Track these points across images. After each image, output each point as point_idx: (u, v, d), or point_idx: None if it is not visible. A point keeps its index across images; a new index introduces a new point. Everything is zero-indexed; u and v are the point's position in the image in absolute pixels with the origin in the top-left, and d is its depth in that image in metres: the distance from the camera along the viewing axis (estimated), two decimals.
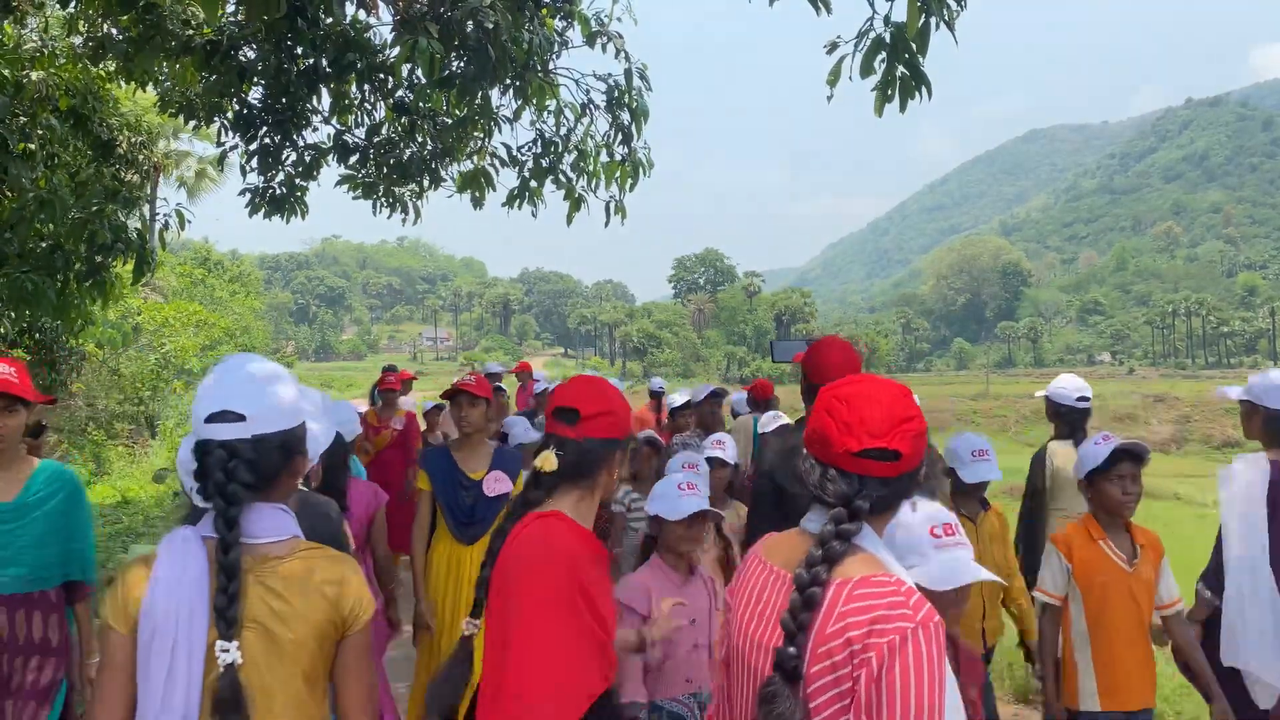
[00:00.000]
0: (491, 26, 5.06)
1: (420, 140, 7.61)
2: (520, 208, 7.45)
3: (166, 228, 7.67)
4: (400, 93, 7.08)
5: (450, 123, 7.38)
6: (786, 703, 1.40)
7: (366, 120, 7.50)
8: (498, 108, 7.02)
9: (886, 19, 3.88)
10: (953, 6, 3.74)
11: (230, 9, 6.08)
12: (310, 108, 7.01)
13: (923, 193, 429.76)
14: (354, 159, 7.50)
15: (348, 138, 7.43)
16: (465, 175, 7.65)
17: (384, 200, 7.94)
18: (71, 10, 6.33)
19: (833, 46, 3.94)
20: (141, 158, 8.52)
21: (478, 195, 7.52)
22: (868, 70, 3.91)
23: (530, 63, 6.06)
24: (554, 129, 7.25)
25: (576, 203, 7.29)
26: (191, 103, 7.04)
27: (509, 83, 6.17)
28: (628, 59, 6.58)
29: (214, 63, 6.18)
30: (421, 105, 7.09)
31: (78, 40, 6.81)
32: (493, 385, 7.11)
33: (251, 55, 6.45)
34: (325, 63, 6.23)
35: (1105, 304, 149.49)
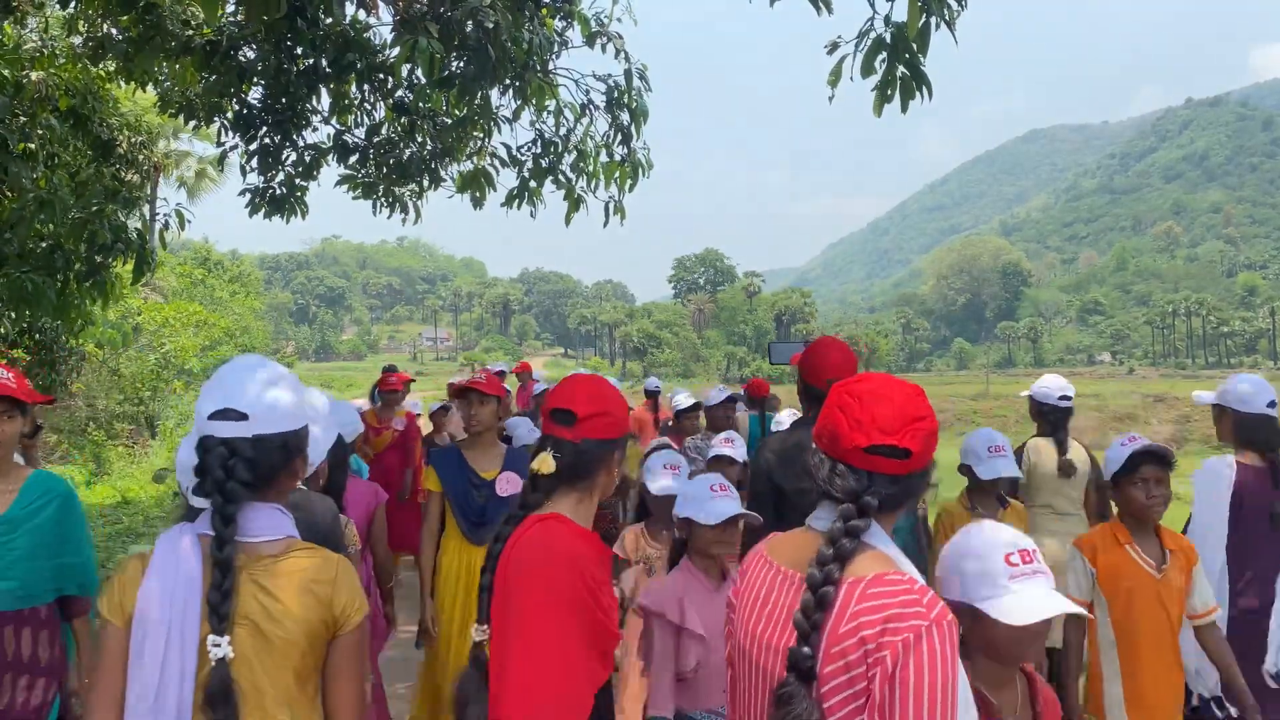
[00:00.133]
0: (491, 26, 5.06)
1: (420, 140, 7.61)
2: (520, 208, 7.47)
3: (166, 228, 7.67)
4: (400, 93, 7.08)
5: (450, 123, 7.38)
6: (804, 704, 1.39)
7: (366, 120, 7.50)
8: (497, 108, 7.03)
9: (887, 19, 3.88)
10: (953, 6, 3.74)
11: (230, 9, 6.08)
12: (310, 108, 7.01)
13: (923, 193, 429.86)
14: (354, 159, 7.49)
15: (348, 138, 7.43)
16: (465, 175, 7.65)
17: (384, 200, 7.94)
18: (71, 10, 6.33)
19: (834, 47, 3.94)
20: (141, 158, 8.51)
21: (478, 195, 7.53)
22: (868, 70, 3.91)
23: (530, 63, 6.06)
24: (554, 129, 7.27)
25: (576, 203, 7.29)
26: (191, 103, 7.03)
27: (509, 83, 6.18)
28: (627, 59, 6.59)
29: (214, 63, 6.18)
30: (421, 105, 7.09)
31: (78, 40, 6.81)
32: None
33: (251, 55, 6.45)
34: (325, 63, 6.24)
35: (1105, 304, 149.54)
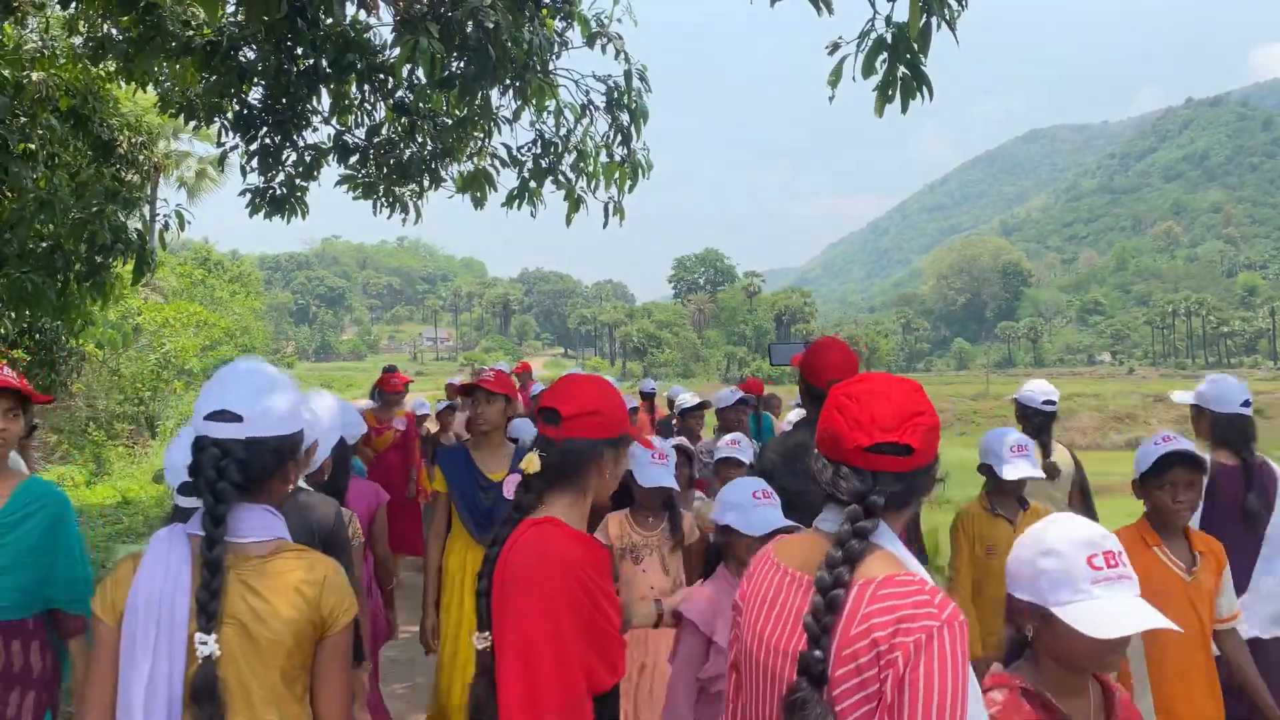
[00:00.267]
0: (492, 27, 5.06)
1: (420, 140, 7.61)
2: (520, 208, 7.47)
3: (166, 228, 7.67)
4: (400, 93, 7.07)
5: (450, 123, 7.38)
6: (817, 708, 1.38)
7: (367, 120, 7.49)
8: (498, 108, 7.03)
9: (888, 19, 3.88)
10: (954, 6, 3.74)
11: (230, 9, 6.08)
12: (310, 108, 7.01)
13: (923, 193, 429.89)
14: (354, 159, 7.49)
15: (348, 138, 7.43)
16: (465, 176, 7.66)
17: (384, 200, 7.94)
18: (72, 11, 6.33)
19: (834, 47, 3.94)
20: (142, 158, 8.50)
21: (478, 195, 7.53)
22: (869, 70, 3.91)
23: (530, 63, 6.06)
24: (554, 130, 7.26)
25: (576, 203, 7.30)
26: (192, 103, 7.03)
27: (509, 83, 6.18)
28: (627, 60, 6.59)
29: (214, 63, 6.18)
30: (422, 105, 7.09)
31: (78, 41, 6.81)
32: None
33: (252, 56, 6.44)
34: (325, 63, 6.23)
35: (1105, 304, 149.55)
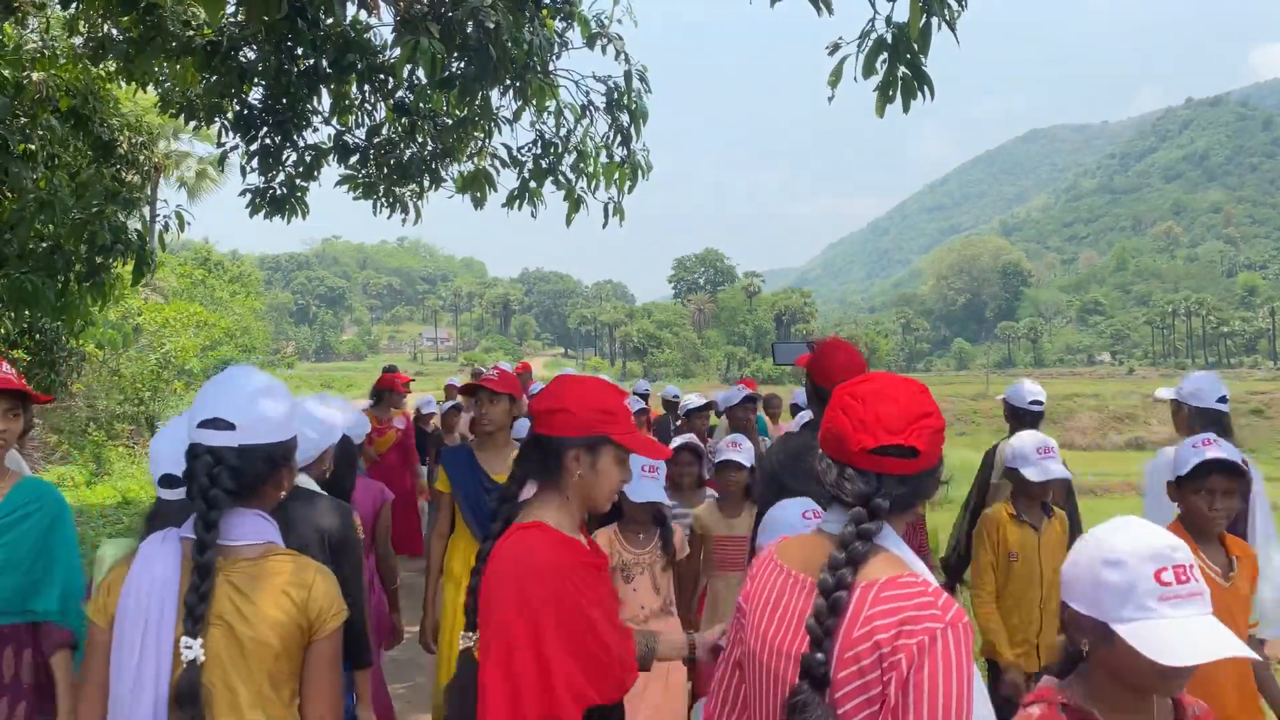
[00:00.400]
0: (492, 27, 5.06)
1: (421, 141, 7.62)
2: (520, 208, 7.48)
3: (166, 229, 7.68)
4: (401, 93, 7.08)
5: (451, 123, 7.39)
6: (819, 710, 1.38)
7: (367, 121, 7.51)
8: (498, 108, 7.04)
9: (888, 20, 3.88)
10: (954, 7, 3.74)
11: (231, 9, 6.08)
12: (310, 108, 7.02)
13: (923, 192, 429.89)
14: (354, 159, 7.50)
15: (348, 138, 7.43)
16: (466, 176, 7.66)
17: (384, 200, 7.95)
18: (72, 11, 6.33)
19: (835, 47, 3.94)
20: (142, 158, 8.51)
21: (478, 196, 7.54)
22: (870, 71, 3.91)
23: (530, 64, 6.07)
24: (554, 130, 7.28)
25: (576, 203, 7.30)
26: (192, 103, 7.03)
27: (509, 83, 6.19)
28: (627, 60, 6.60)
29: (214, 63, 6.18)
30: (422, 106, 7.10)
31: (78, 41, 6.81)
32: None
33: (252, 56, 6.45)
34: (326, 63, 6.24)
35: (1105, 304, 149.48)
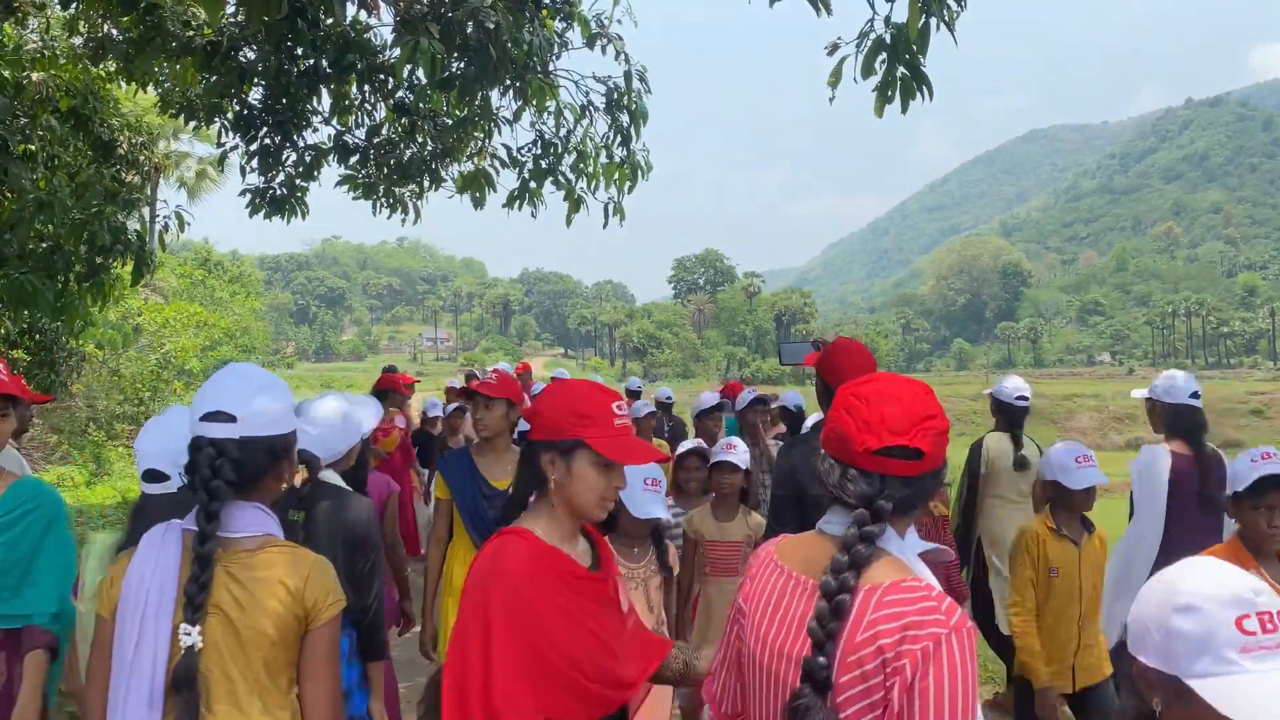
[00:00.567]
0: (492, 27, 5.07)
1: (420, 141, 7.62)
2: (520, 208, 7.48)
3: (166, 229, 7.68)
4: (401, 93, 7.08)
5: (451, 123, 7.39)
6: (821, 714, 1.37)
7: (367, 121, 7.51)
8: (498, 109, 7.05)
9: (887, 20, 3.88)
10: (953, 7, 3.74)
11: (231, 10, 6.09)
12: (310, 108, 7.02)
13: (923, 193, 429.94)
14: (354, 159, 7.50)
15: (348, 138, 7.43)
16: (466, 176, 7.67)
17: (384, 201, 7.95)
18: (72, 11, 6.33)
19: (834, 48, 3.94)
20: (142, 159, 8.51)
21: (478, 196, 7.54)
22: (869, 71, 3.91)
23: (530, 64, 6.07)
24: (554, 130, 7.29)
25: (576, 204, 7.31)
26: (192, 103, 7.04)
27: (509, 84, 6.19)
28: (627, 61, 6.60)
29: (214, 63, 6.18)
30: (422, 106, 7.10)
31: (78, 41, 6.81)
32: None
33: (252, 56, 6.45)
34: (326, 63, 6.24)
35: (1105, 304, 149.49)
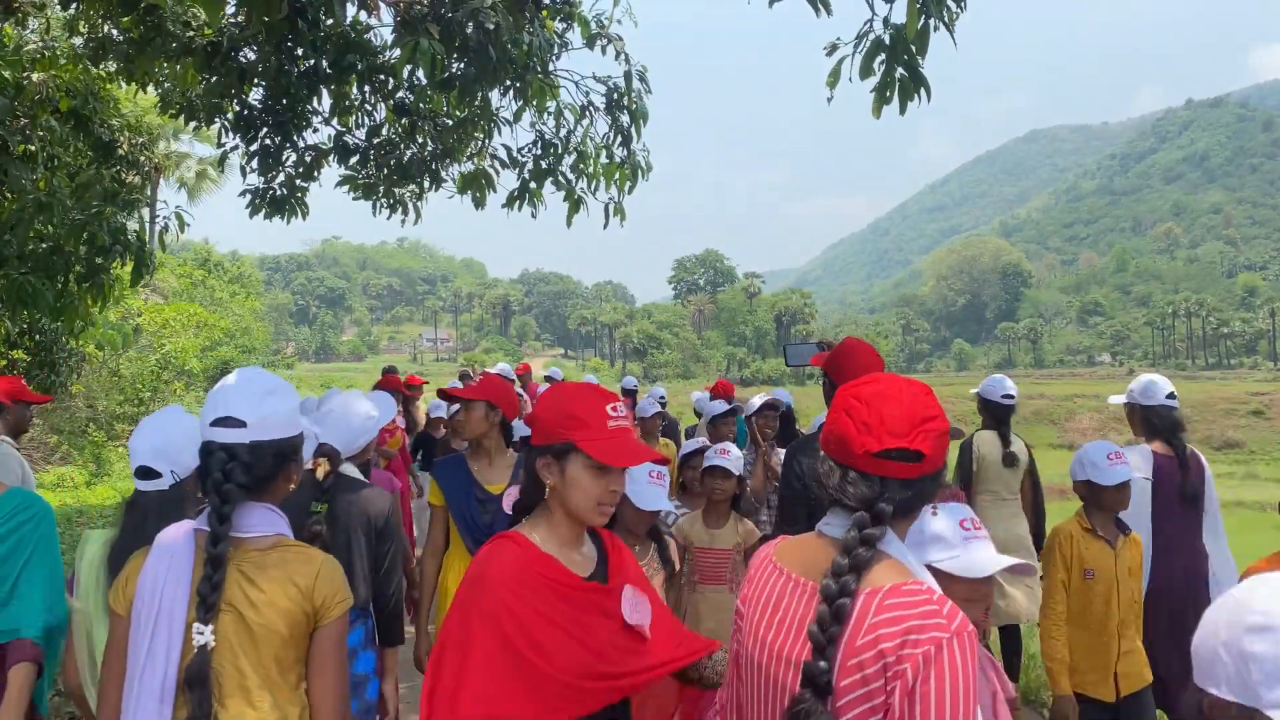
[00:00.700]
0: (492, 28, 5.07)
1: (421, 141, 7.62)
2: (520, 209, 7.48)
3: (166, 229, 7.68)
4: (401, 94, 7.08)
5: (451, 124, 7.39)
6: (822, 719, 1.37)
7: (367, 121, 7.50)
8: (498, 109, 7.05)
9: (886, 21, 3.88)
10: (952, 8, 3.74)
11: (231, 10, 6.09)
12: (311, 109, 7.02)
13: (923, 193, 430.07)
14: (354, 160, 7.50)
15: (348, 139, 7.43)
16: (466, 176, 7.67)
17: (384, 201, 7.95)
18: (73, 11, 6.33)
19: (832, 48, 3.93)
20: (142, 159, 8.51)
21: (478, 196, 7.54)
22: (867, 72, 3.91)
23: (530, 64, 6.08)
24: (554, 131, 7.28)
25: (576, 204, 7.31)
26: (192, 104, 7.03)
27: (509, 84, 6.19)
28: (627, 61, 6.60)
29: (215, 64, 6.19)
30: (422, 106, 7.10)
31: (79, 41, 6.82)
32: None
33: (252, 56, 6.45)
34: (326, 64, 6.24)
35: (1105, 305, 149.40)
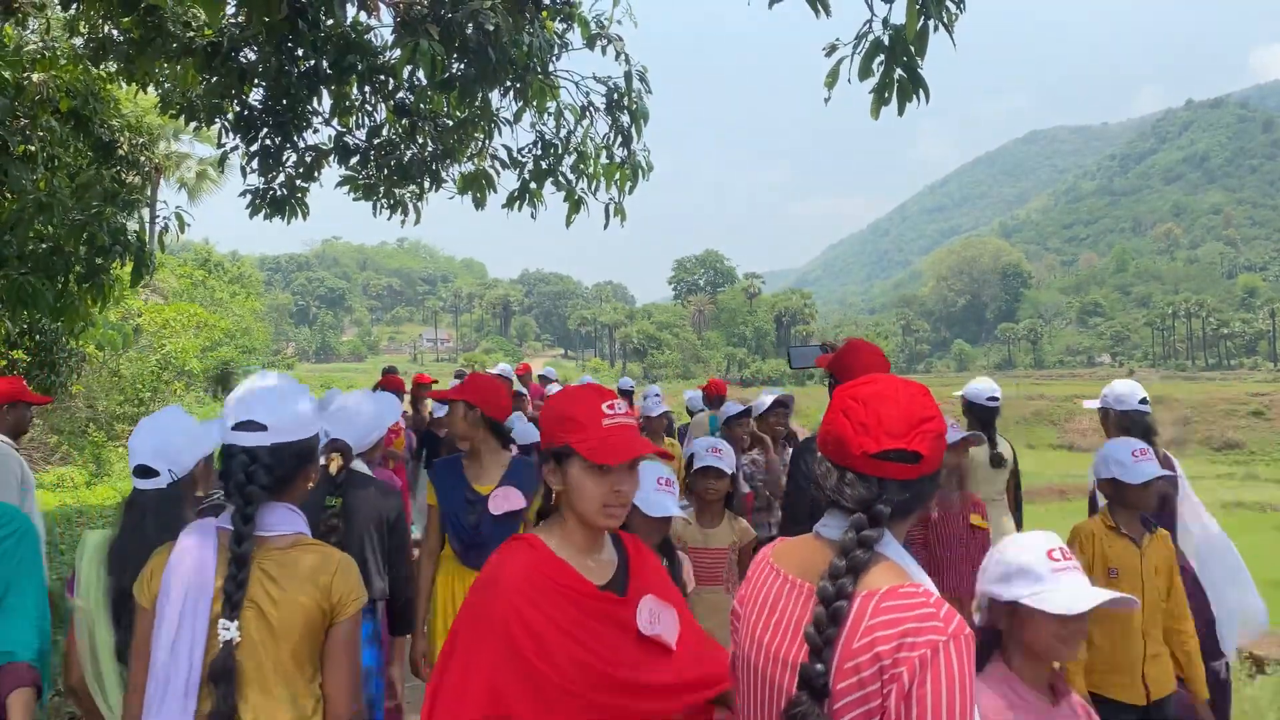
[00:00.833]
0: (492, 29, 5.08)
1: (421, 142, 7.63)
2: (520, 209, 7.49)
3: (166, 230, 7.68)
4: (401, 94, 7.09)
5: (451, 124, 7.40)
6: None
7: (367, 122, 7.51)
8: (498, 109, 7.07)
9: (885, 21, 3.87)
10: (951, 9, 3.74)
11: (231, 11, 6.10)
12: (311, 109, 7.03)
13: (923, 194, 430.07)
14: (354, 160, 7.51)
15: (348, 139, 7.44)
16: (466, 177, 7.68)
17: (384, 201, 7.96)
18: (73, 12, 6.34)
19: (831, 49, 3.93)
20: (142, 159, 8.51)
21: (478, 196, 7.56)
22: (866, 73, 3.91)
23: (530, 65, 6.08)
24: (554, 131, 7.29)
25: (576, 204, 7.31)
26: (192, 104, 7.04)
27: (509, 85, 6.20)
28: (627, 61, 6.61)
29: (215, 64, 6.19)
30: (422, 107, 7.11)
31: (79, 42, 6.82)
32: (511, 387, 7.01)
33: (252, 57, 6.46)
34: (326, 64, 6.25)
35: (1105, 305, 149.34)
